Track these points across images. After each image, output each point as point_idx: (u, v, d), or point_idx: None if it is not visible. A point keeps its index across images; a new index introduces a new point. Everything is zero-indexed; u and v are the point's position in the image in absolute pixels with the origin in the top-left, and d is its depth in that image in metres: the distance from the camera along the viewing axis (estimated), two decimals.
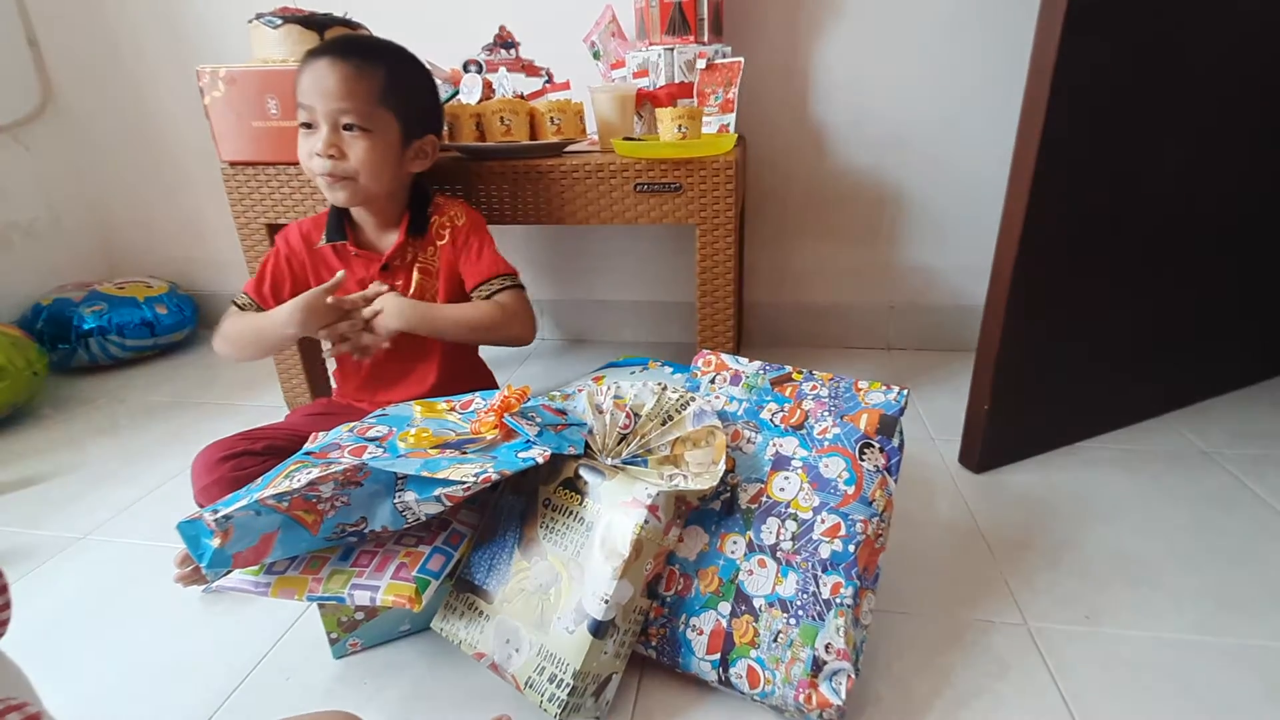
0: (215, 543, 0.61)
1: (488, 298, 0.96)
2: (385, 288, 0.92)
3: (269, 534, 0.62)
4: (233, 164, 1.09)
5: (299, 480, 0.61)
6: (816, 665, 0.61)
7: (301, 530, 0.63)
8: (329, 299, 0.87)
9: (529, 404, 0.75)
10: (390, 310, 0.90)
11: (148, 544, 0.93)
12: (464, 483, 0.61)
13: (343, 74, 0.86)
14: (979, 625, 0.74)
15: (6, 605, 0.41)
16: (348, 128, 0.87)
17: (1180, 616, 0.75)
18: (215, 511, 0.61)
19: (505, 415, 0.71)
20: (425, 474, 0.62)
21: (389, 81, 0.89)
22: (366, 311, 0.90)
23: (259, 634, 0.77)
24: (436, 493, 0.62)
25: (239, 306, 0.98)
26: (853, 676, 0.61)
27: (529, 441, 0.68)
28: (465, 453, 0.68)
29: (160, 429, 1.26)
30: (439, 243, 0.98)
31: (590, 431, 0.73)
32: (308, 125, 0.88)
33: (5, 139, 1.53)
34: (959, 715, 0.64)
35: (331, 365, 1.05)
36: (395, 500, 0.64)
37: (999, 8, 1.23)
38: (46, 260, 1.62)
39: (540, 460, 0.65)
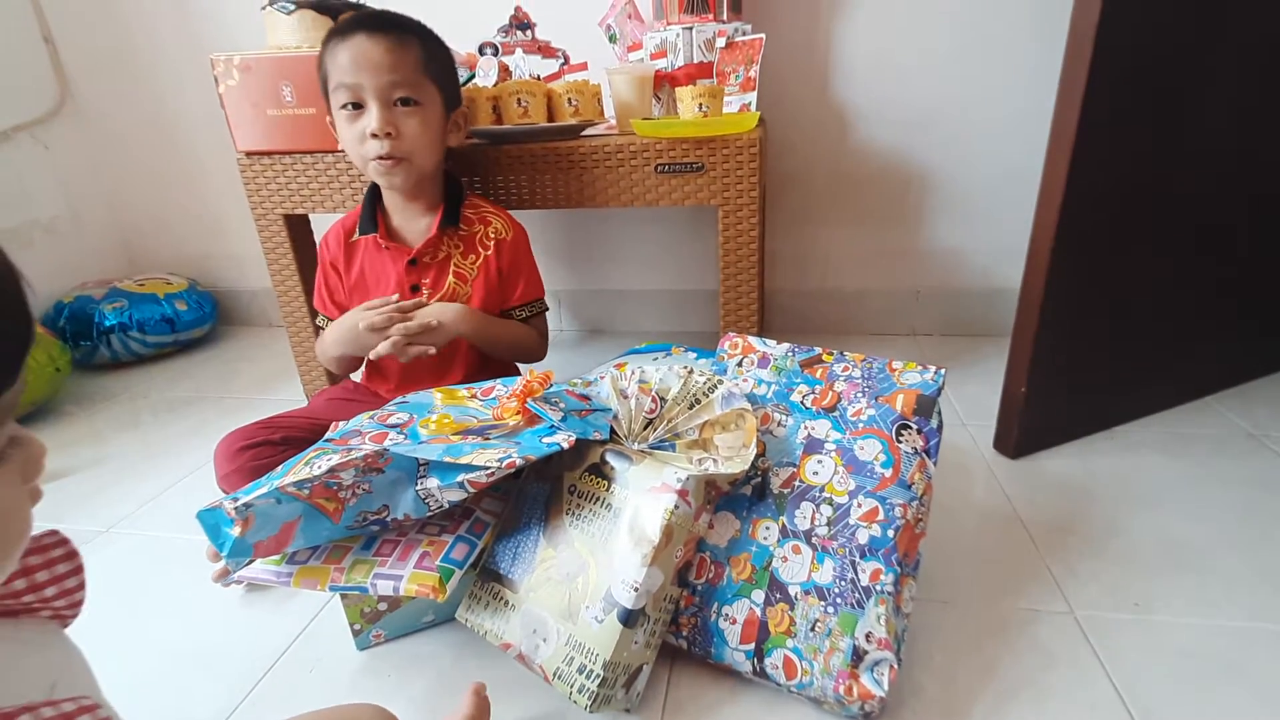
0: (236, 531, 0.59)
1: (523, 319, 1.00)
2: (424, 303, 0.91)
3: (290, 522, 0.61)
4: (249, 154, 1.08)
5: (320, 467, 0.59)
6: (857, 655, 0.58)
7: (323, 518, 0.62)
8: (361, 325, 0.87)
9: (552, 389, 0.73)
10: (453, 318, 0.89)
11: (171, 536, 0.93)
12: (487, 468, 0.60)
13: (386, 46, 0.84)
14: (1023, 614, 0.71)
15: (81, 586, 0.40)
16: (399, 102, 0.86)
17: (1233, 603, 0.71)
18: (235, 500, 0.59)
19: (528, 400, 0.69)
20: (448, 459, 0.60)
21: (425, 51, 0.88)
22: (421, 319, 0.87)
23: (282, 625, 0.76)
24: (459, 479, 0.60)
25: (321, 328, 1.01)
26: (895, 667, 0.58)
27: (553, 427, 0.66)
28: (488, 439, 0.66)
29: (182, 424, 1.26)
30: (484, 252, 0.96)
31: (615, 417, 0.70)
32: (355, 105, 0.86)
33: (24, 137, 1.54)
34: (1006, 707, 0.61)
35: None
36: (418, 487, 0.62)
37: None
38: (68, 258, 1.62)
39: (565, 445, 0.63)
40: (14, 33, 1.51)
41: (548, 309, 1.05)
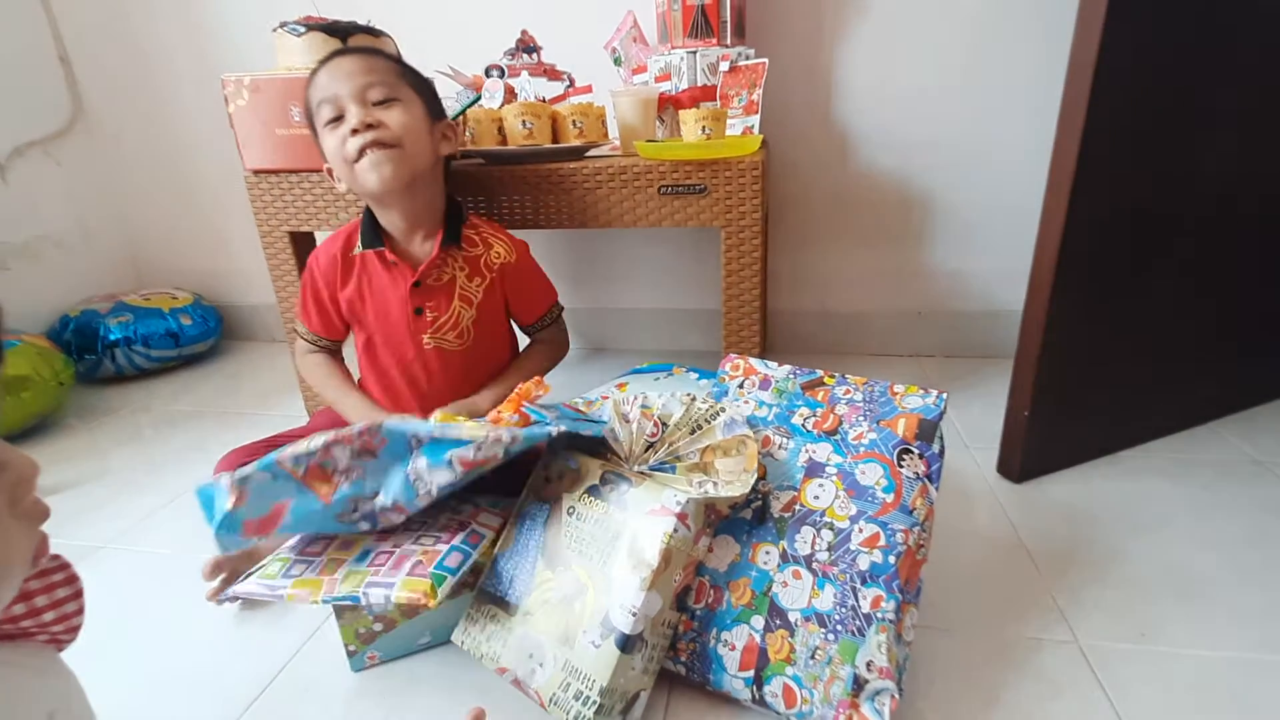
0: (229, 504, 0.59)
1: (537, 331, 1.05)
2: None
3: (281, 503, 0.61)
4: (256, 172, 1.09)
5: (316, 443, 0.60)
6: (858, 684, 0.57)
7: (313, 499, 0.61)
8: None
9: (549, 404, 0.73)
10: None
11: (168, 553, 0.92)
12: (474, 441, 0.60)
13: (359, 56, 0.87)
14: (1026, 643, 0.70)
15: (80, 611, 0.39)
16: (378, 103, 0.86)
17: (1242, 634, 0.70)
18: (234, 474, 0.60)
19: (524, 404, 0.69)
20: (437, 435, 0.61)
21: (401, 66, 0.90)
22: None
23: (277, 645, 0.75)
24: (447, 456, 0.60)
25: (306, 340, 1.01)
26: (896, 697, 0.57)
27: (548, 425, 0.67)
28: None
29: (183, 438, 1.26)
30: (489, 275, 0.96)
31: (616, 437, 0.70)
32: (336, 119, 0.86)
33: (37, 153, 1.56)
34: None
35: (356, 375, 1.04)
36: (407, 469, 0.62)
37: (1031, 3, 1.20)
38: (76, 272, 1.64)
39: (554, 433, 0.64)
40: (31, 52, 1.54)
41: (563, 307, 1.07)
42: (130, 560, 0.92)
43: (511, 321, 1.05)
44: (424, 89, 0.92)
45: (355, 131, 0.84)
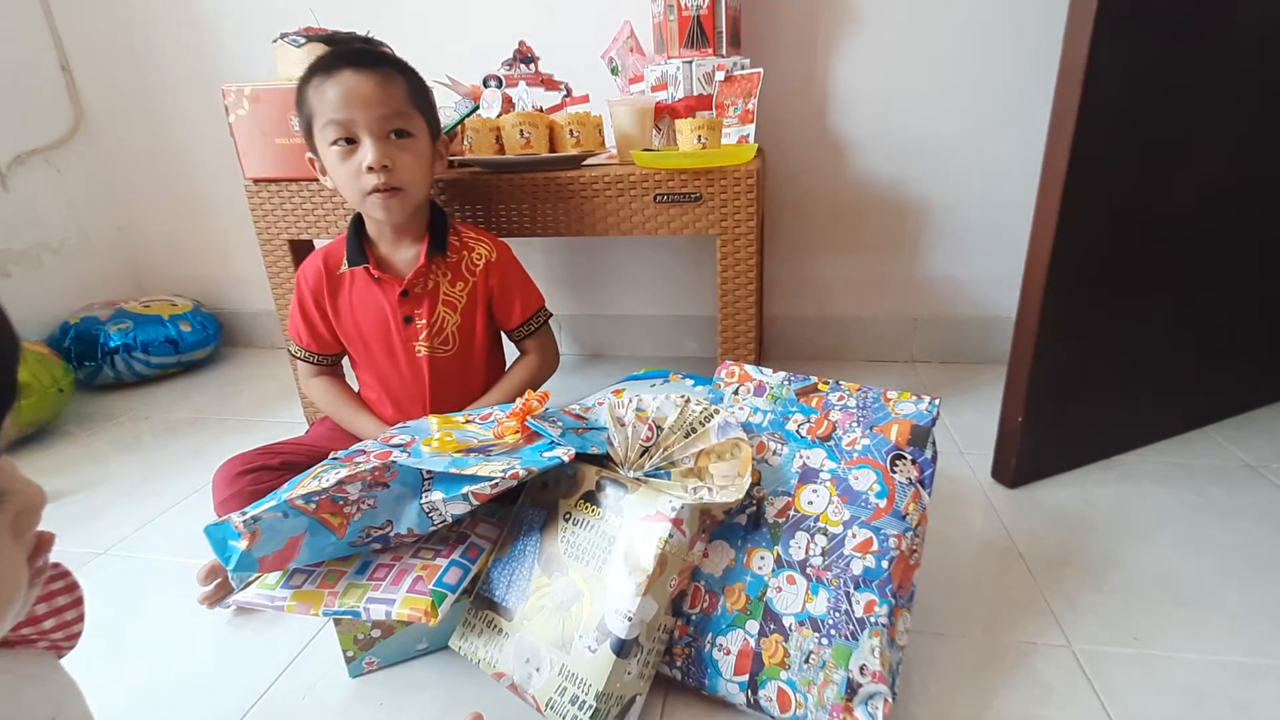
0: (242, 545, 0.60)
1: (523, 337, 1.04)
2: None
3: (295, 538, 0.61)
4: (256, 181, 1.10)
5: (327, 480, 0.60)
6: (851, 688, 0.58)
7: (328, 533, 0.62)
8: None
9: (549, 411, 0.74)
10: None
11: (167, 559, 0.93)
12: (492, 479, 0.60)
13: (376, 81, 0.85)
14: (1020, 647, 0.70)
15: (80, 619, 0.39)
16: (393, 134, 0.87)
17: (1235, 638, 0.71)
18: (244, 514, 0.60)
19: (528, 418, 0.70)
20: (454, 471, 0.61)
21: (410, 83, 0.89)
22: None
23: (275, 651, 0.75)
24: (464, 490, 0.61)
25: (304, 360, 1.01)
26: (890, 700, 0.58)
27: (553, 442, 0.67)
28: (490, 455, 0.67)
29: (182, 445, 1.26)
30: (470, 279, 0.97)
31: (611, 442, 0.71)
32: (348, 141, 0.86)
33: (38, 161, 1.57)
34: None
35: (355, 385, 1.05)
36: (422, 500, 0.63)
37: (1022, 14, 1.21)
38: (76, 280, 1.64)
39: (565, 459, 0.64)
40: (33, 61, 1.55)
41: (547, 317, 1.06)
42: (130, 567, 0.92)
43: (498, 330, 1.06)
44: (428, 107, 0.92)
45: (370, 169, 0.85)
